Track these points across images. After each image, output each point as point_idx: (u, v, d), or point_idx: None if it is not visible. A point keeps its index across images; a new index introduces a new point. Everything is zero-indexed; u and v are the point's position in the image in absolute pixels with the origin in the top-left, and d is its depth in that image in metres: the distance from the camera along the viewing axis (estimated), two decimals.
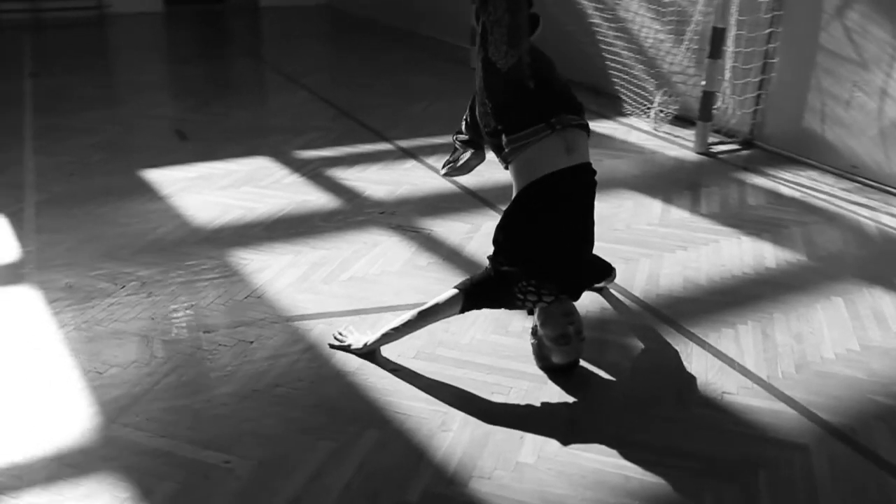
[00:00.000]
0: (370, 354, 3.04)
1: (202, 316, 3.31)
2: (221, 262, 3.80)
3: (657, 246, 4.10)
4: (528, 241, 2.93)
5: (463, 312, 2.94)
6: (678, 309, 3.49)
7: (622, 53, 6.59)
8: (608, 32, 6.70)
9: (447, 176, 3.56)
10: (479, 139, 3.27)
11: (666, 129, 6.14)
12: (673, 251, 4.04)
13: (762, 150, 5.76)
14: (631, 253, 3.99)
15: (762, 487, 2.44)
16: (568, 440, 2.61)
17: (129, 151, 5.41)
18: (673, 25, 6.16)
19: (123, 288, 3.52)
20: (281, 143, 5.65)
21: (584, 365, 3.03)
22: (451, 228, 4.24)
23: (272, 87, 7.95)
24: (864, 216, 4.61)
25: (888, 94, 4.88)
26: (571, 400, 2.84)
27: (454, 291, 2.93)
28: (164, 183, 4.79)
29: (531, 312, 3.02)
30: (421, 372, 2.96)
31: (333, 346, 3.10)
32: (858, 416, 2.80)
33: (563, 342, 2.86)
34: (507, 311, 3.20)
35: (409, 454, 2.54)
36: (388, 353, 3.05)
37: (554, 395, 2.86)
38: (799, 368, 3.06)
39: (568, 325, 2.86)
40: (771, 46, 5.58)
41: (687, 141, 5.87)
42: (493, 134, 2.99)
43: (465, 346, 3.13)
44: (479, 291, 2.93)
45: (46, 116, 6.14)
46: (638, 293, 3.60)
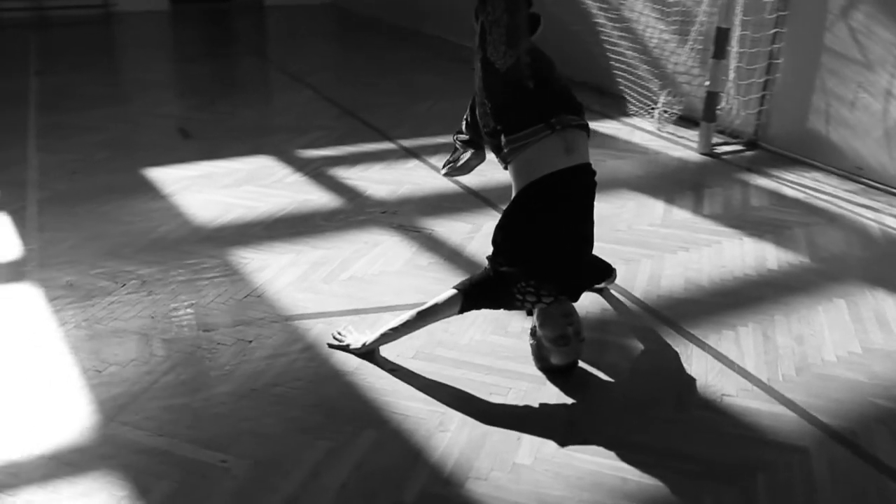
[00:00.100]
0: (369, 354, 3.04)
1: (202, 315, 3.31)
2: (222, 260, 3.80)
3: (659, 247, 4.09)
4: (527, 241, 2.92)
5: (462, 313, 2.94)
6: (679, 310, 3.47)
7: (626, 53, 6.57)
8: (612, 32, 6.68)
9: (447, 176, 3.56)
10: (479, 139, 3.26)
11: (670, 129, 6.12)
12: (674, 252, 4.03)
13: (766, 150, 5.74)
14: (632, 254, 3.98)
15: (761, 490, 2.43)
16: (566, 441, 2.60)
17: (133, 149, 5.42)
18: (677, 25, 6.14)
19: (124, 286, 3.52)
20: (284, 141, 5.66)
21: (583, 366, 3.02)
22: (452, 228, 4.24)
23: (277, 85, 7.96)
24: (867, 218, 4.59)
25: (893, 95, 4.85)
26: (570, 401, 2.84)
27: (453, 292, 2.92)
28: (167, 181, 4.80)
29: (530, 313, 3.01)
30: (419, 372, 2.96)
31: (332, 345, 3.10)
32: (859, 419, 2.78)
33: (562, 343, 2.85)
34: (506, 311, 3.19)
35: (406, 454, 2.53)
36: (386, 353, 3.05)
37: (552, 396, 2.86)
38: (800, 371, 3.05)
39: (567, 326, 2.85)
40: (775, 47, 5.56)
41: (691, 141, 5.85)
42: (492, 134, 2.98)
43: (463, 346, 3.13)
44: (478, 292, 2.93)
45: (51, 114, 6.15)
46: (638, 294, 3.59)
